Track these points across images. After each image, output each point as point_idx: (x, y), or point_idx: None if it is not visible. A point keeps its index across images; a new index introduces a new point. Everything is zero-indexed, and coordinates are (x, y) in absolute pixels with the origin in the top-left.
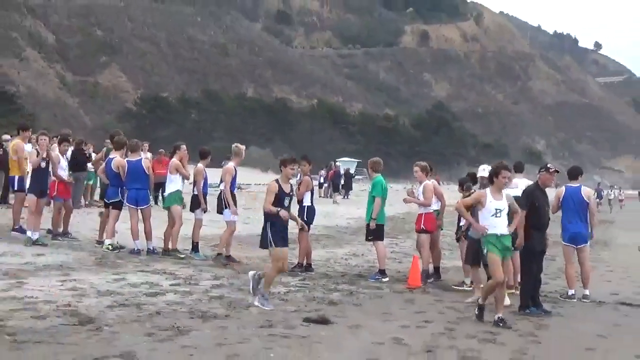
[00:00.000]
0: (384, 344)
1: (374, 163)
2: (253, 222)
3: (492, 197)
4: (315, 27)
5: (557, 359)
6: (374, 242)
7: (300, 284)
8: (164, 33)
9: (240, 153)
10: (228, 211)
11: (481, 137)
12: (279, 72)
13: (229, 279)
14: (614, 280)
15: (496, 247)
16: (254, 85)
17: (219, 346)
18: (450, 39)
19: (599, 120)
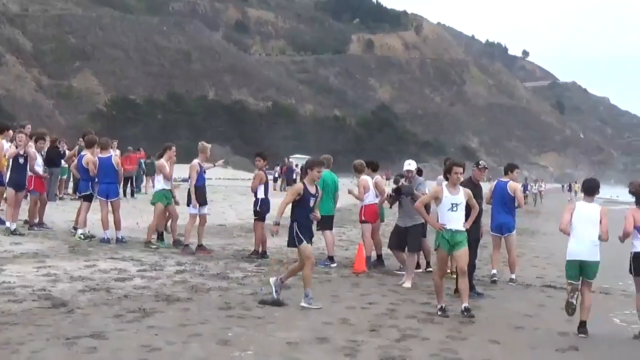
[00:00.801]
0: (332, 324)
1: (325, 159)
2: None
3: (448, 192)
4: (271, 36)
5: (489, 337)
6: (323, 232)
7: (256, 270)
8: (133, 41)
9: (205, 150)
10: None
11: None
12: (238, 77)
13: (191, 265)
14: (540, 265)
15: (447, 243)
16: (214, 89)
17: (182, 326)
18: (393, 47)
19: (526, 121)
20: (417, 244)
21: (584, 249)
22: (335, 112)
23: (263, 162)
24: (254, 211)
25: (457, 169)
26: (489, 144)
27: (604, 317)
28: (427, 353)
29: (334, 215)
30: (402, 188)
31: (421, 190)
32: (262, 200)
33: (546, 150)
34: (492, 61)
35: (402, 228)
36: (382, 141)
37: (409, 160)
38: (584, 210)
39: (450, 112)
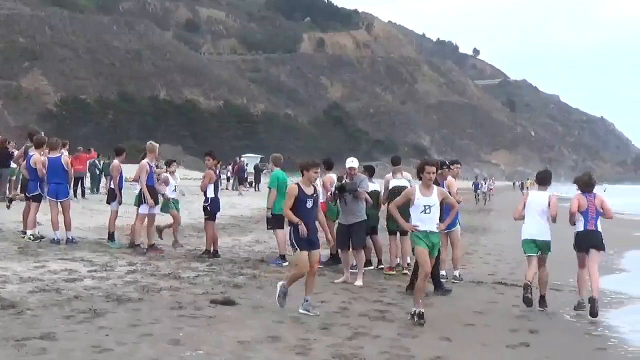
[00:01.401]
0: (284, 323)
1: (274, 158)
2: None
3: (420, 193)
4: (222, 35)
5: (440, 334)
6: (275, 230)
7: (207, 269)
8: (83, 40)
9: (154, 150)
10: (144, 205)
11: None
12: (189, 76)
13: (142, 265)
14: (491, 262)
15: (423, 241)
16: (165, 88)
17: (133, 327)
18: (344, 46)
19: (477, 119)
20: (361, 240)
21: (536, 230)
22: (287, 111)
23: (212, 161)
24: (204, 210)
25: (430, 169)
26: (440, 142)
27: (555, 313)
28: (379, 350)
29: None
30: (345, 186)
31: (364, 187)
32: (212, 199)
33: (497, 148)
34: (443, 59)
35: (345, 226)
36: (334, 140)
37: (351, 158)
38: (536, 198)
39: (401, 110)
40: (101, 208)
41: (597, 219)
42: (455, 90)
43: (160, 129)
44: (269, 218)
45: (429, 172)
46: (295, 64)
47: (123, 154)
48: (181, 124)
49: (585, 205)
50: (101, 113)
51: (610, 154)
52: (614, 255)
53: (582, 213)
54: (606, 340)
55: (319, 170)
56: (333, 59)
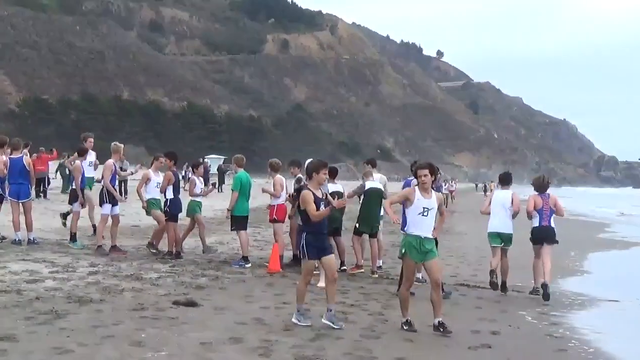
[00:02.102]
0: (246, 324)
1: (237, 159)
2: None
3: (420, 194)
4: (186, 36)
5: (403, 336)
6: (237, 232)
7: (170, 270)
8: (46, 40)
9: (119, 150)
10: (107, 205)
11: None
12: (152, 77)
13: (104, 266)
14: (453, 264)
15: (415, 250)
16: (129, 89)
17: (95, 328)
18: (308, 47)
19: (441, 121)
20: None
21: (500, 224)
22: (251, 112)
23: (170, 162)
24: (164, 211)
25: (422, 172)
26: (404, 144)
27: (516, 314)
28: (341, 352)
29: (248, 215)
30: (303, 188)
31: (323, 190)
32: (172, 200)
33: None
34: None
35: None
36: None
37: (310, 159)
38: (499, 196)
39: (365, 112)
40: (63, 209)
41: (550, 216)
42: (419, 92)
43: (124, 130)
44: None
45: (421, 176)
46: (259, 66)
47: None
48: (145, 125)
49: (540, 204)
50: (64, 113)
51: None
52: (575, 257)
53: (537, 211)
54: (567, 342)
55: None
56: (297, 60)
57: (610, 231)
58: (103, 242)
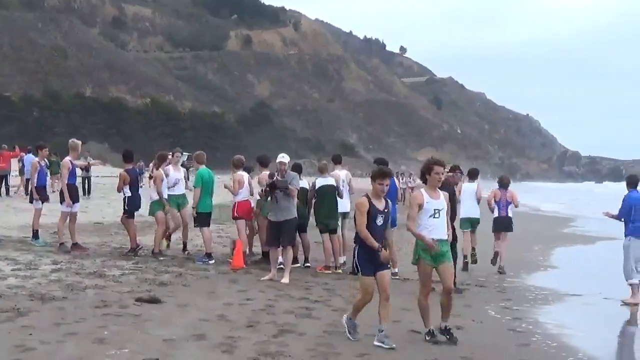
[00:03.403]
0: (209, 321)
1: (198, 156)
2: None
3: (429, 196)
4: (148, 32)
5: (366, 331)
6: (201, 228)
7: (133, 267)
8: (7, 37)
9: (76, 147)
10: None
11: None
12: (115, 74)
13: (67, 264)
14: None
15: (429, 255)
16: (91, 86)
17: (57, 325)
18: (271, 44)
19: (405, 116)
20: (291, 237)
21: (470, 210)
22: (214, 108)
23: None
24: (123, 208)
25: (438, 169)
26: (367, 140)
27: (480, 309)
28: (304, 348)
29: (211, 212)
30: (276, 182)
31: (295, 185)
32: (129, 197)
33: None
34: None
35: (275, 223)
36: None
37: (282, 154)
38: (468, 188)
39: (328, 108)
40: (26, 206)
41: (507, 207)
42: (383, 88)
43: (87, 127)
44: (197, 217)
45: (438, 173)
46: (222, 62)
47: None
48: (108, 122)
49: (499, 196)
50: (26, 110)
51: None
52: (539, 251)
53: (497, 203)
54: (530, 336)
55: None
56: (260, 56)
57: (574, 226)
58: (65, 240)
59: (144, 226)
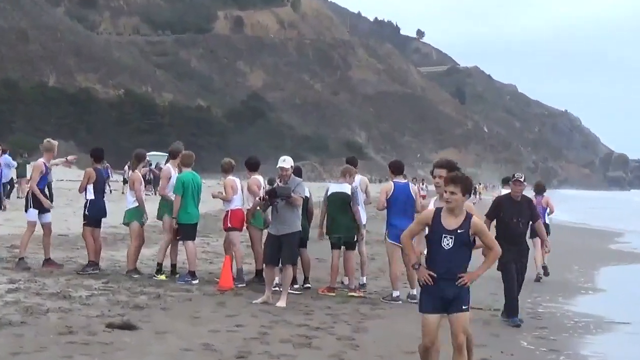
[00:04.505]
0: (192, 350)
1: (184, 157)
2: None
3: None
4: (122, 12)
5: None
6: (184, 242)
7: (103, 287)
8: None
9: (52, 149)
10: (32, 211)
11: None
12: (83, 60)
13: (26, 283)
14: None
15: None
16: (56, 74)
17: (14, 355)
18: (266, 26)
19: (422, 112)
20: (293, 254)
21: None
22: (199, 101)
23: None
24: (83, 216)
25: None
26: (378, 139)
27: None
28: None
29: (197, 223)
30: (277, 190)
31: (299, 192)
32: (92, 201)
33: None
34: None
35: (275, 237)
36: (253, 135)
37: (283, 157)
38: None
39: (333, 101)
40: None
41: (543, 214)
42: (396, 79)
43: (50, 122)
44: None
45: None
46: (209, 47)
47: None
48: (74, 116)
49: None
50: None
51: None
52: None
53: None
54: None
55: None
56: (253, 41)
57: (621, 242)
58: (26, 255)
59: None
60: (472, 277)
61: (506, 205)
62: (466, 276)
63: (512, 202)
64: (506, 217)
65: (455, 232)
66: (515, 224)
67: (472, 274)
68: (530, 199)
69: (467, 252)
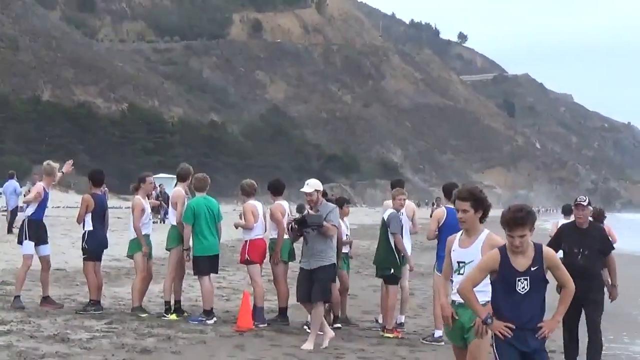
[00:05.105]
0: None
1: (197, 180)
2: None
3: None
4: (125, 16)
5: None
6: (199, 277)
7: (106, 328)
8: None
9: (52, 172)
10: (28, 243)
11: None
12: (82, 71)
13: (19, 324)
14: None
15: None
16: (51, 87)
17: None
18: (287, 30)
19: (465, 126)
20: (324, 290)
21: None
22: (212, 116)
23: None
24: (82, 248)
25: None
26: (415, 158)
27: None
28: None
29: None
30: (307, 218)
31: (332, 220)
32: (91, 232)
33: (491, 165)
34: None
35: (307, 272)
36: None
37: (309, 180)
38: None
39: (364, 115)
40: None
41: None
42: (436, 89)
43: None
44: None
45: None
46: (223, 55)
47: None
48: (72, 134)
49: None
50: None
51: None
52: None
53: None
54: None
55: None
56: (273, 47)
57: None
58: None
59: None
60: (552, 326)
61: (567, 233)
62: (545, 325)
63: (575, 231)
64: (566, 247)
65: (530, 272)
66: (575, 255)
67: (551, 323)
68: (601, 227)
69: (543, 291)
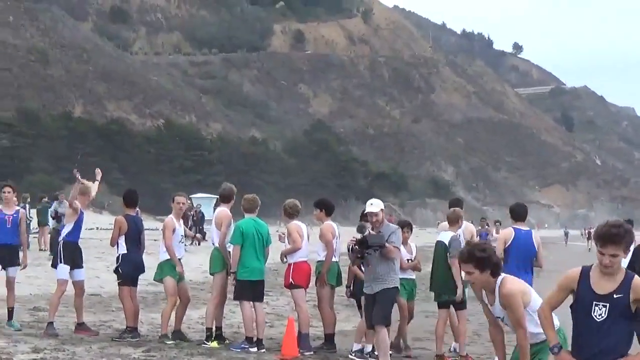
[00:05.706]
0: None
1: (246, 201)
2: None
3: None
4: (160, 27)
5: None
6: (240, 302)
7: (144, 356)
8: None
9: (87, 192)
10: (63, 267)
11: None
12: (115, 85)
13: (53, 352)
14: None
15: None
16: (82, 102)
17: None
18: (332, 41)
19: (520, 142)
20: (385, 314)
21: None
22: (253, 132)
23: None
24: (116, 273)
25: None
26: (468, 175)
27: None
28: None
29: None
30: (368, 238)
31: (394, 241)
32: (124, 256)
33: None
34: (472, 59)
35: (371, 296)
36: (318, 173)
37: (372, 200)
38: None
39: (413, 131)
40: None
41: None
42: (489, 102)
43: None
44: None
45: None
46: (264, 68)
47: None
48: (105, 152)
49: None
50: None
51: None
52: None
53: None
54: None
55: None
56: (316, 59)
57: None
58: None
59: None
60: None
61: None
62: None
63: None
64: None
65: (611, 298)
66: None
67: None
68: None
69: (626, 328)
